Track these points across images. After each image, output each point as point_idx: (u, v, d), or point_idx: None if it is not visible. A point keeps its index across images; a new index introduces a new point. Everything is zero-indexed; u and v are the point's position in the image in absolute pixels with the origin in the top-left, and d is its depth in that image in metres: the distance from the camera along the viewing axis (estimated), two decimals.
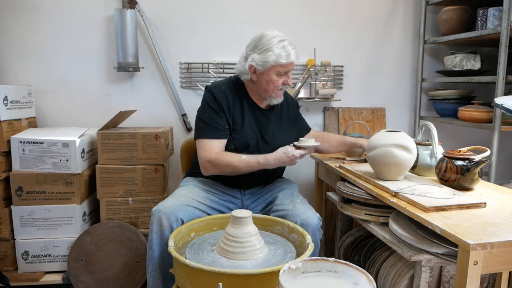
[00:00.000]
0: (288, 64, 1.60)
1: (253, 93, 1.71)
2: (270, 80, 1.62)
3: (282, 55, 1.57)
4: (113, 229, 1.98)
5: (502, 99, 1.63)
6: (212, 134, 1.61)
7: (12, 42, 2.21)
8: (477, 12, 2.12)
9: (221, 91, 1.66)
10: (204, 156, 1.59)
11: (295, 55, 1.60)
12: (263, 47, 1.58)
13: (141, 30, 2.27)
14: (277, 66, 1.59)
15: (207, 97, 1.66)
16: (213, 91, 1.65)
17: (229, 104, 1.65)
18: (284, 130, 1.79)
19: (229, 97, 1.66)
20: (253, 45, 1.62)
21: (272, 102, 1.69)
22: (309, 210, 1.55)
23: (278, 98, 1.69)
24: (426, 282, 1.31)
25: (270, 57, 1.57)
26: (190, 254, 1.25)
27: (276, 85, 1.63)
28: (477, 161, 1.46)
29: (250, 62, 1.60)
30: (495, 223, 1.16)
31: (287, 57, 1.58)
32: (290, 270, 0.90)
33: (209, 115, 1.63)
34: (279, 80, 1.63)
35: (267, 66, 1.58)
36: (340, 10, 2.43)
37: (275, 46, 1.57)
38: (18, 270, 1.98)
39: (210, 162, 1.58)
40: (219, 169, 1.58)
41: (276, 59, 1.57)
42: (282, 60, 1.57)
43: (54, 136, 1.94)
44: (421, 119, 2.50)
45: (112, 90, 2.32)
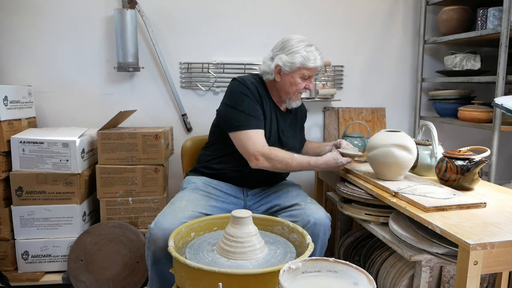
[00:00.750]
0: (313, 68, 1.65)
1: (274, 94, 1.73)
2: (293, 82, 1.65)
3: (310, 58, 1.61)
4: (113, 229, 1.98)
5: (502, 99, 1.63)
6: (257, 125, 1.59)
7: (12, 42, 2.21)
8: (477, 12, 2.12)
9: (253, 83, 1.66)
10: (255, 148, 1.55)
11: (321, 61, 1.65)
12: (291, 48, 1.62)
13: (141, 30, 2.27)
14: (303, 68, 1.63)
15: (242, 89, 1.62)
16: (246, 83, 1.64)
17: (260, 98, 1.65)
18: (296, 135, 1.84)
19: (259, 93, 1.66)
20: (281, 46, 1.66)
21: (291, 105, 1.73)
22: (321, 209, 1.56)
23: (297, 101, 1.73)
24: (426, 282, 1.31)
25: (297, 58, 1.61)
26: (190, 254, 1.25)
27: (298, 88, 1.66)
28: (477, 161, 1.46)
29: (277, 61, 1.63)
30: (495, 223, 1.16)
31: (314, 61, 1.62)
32: (290, 270, 0.90)
33: (249, 105, 1.59)
34: (302, 84, 1.66)
35: (294, 68, 1.62)
36: (340, 10, 2.43)
37: (303, 49, 1.62)
38: (18, 270, 1.98)
39: (264, 155, 1.55)
40: (271, 163, 1.56)
41: (303, 61, 1.61)
42: (310, 63, 1.62)
43: (54, 136, 1.94)
44: (421, 119, 2.50)
45: (112, 90, 2.32)
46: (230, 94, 1.66)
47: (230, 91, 1.66)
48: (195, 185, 1.69)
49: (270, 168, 1.58)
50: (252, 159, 1.57)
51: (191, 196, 1.59)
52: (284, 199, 1.65)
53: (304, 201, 1.60)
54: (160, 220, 1.43)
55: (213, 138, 1.80)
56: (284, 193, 1.70)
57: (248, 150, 1.56)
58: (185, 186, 1.72)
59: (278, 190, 1.74)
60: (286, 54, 1.62)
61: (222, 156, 1.73)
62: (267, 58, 1.70)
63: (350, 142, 2.19)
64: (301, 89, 1.68)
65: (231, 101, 1.63)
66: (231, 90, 1.66)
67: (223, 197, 1.68)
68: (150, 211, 2.04)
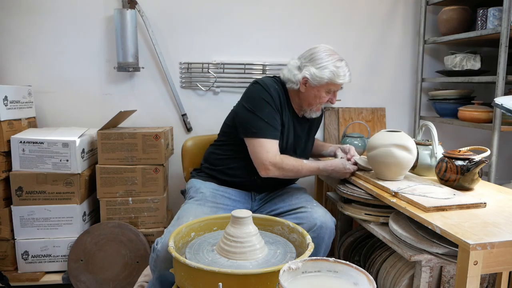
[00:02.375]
0: (340, 84, 1.64)
1: (294, 102, 1.71)
2: (318, 96, 1.63)
3: (340, 74, 1.59)
4: (113, 229, 1.98)
5: (502, 99, 1.63)
6: (274, 135, 1.58)
7: (12, 42, 2.21)
8: (477, 12, 2.12)
9: (276, 90, 1.62)
10: (267, 157, 1.54)
11: (349, 77, 1.64)
12: (322, 62, 1.59)
13: (141, 30, 2.27)
14: (330, 84, 1.60)
15: (264, 94, 1.59)
16: (269, 89, 1.60)
17: (280, 106, 1.63)
18: (311, 139, 1.85)
19: (280, 100, 1.63)
20: (310, 57, 1.61)
21: (311, 115, 1.72)
22: (327, 213, 1.57)
23: (318, 112, 1.72)
24: (426, 282, 1.31)
25: (327, 74, 1.58)
26: (190, 254, 1.25)
27: (322, 101, 1.65)
28: (477, 161, 1.46)
29: (305, 73, 1.60)
30: (495, 223, 1.16)
31: (343, 77, 1.60)
32: (290, 270, 0.90)
33: (269, 114, 1.57)
34: (326, 97, 1.65)
35: (322, 82, 1.59)
36: (340, 10, 2.43)
37: (333, 64, 1.58)
38: (18, 270, 1.98)
39: (275, 165, 1.54)
40: (282, 171, 1.56)
41: (332, 77, 1.58)
42: (339, 80, 1.59)
43: (54, 136, 1.94)
44: (421, 119, 2.50)
45: (112, 90, 2.32)
46: (251, 98, 1.61)
47: (251, 95, 1.61)
48: (203, 195, 1.62)
49: (281, 176, 1.59)
50: (262, 168, 1.56)
51: (198, 211, 1.53)
52: (289, 202, 1.64)
53: (310, 204, 1.60)
54: (166, 240, 1.37)
55: (225, 138, 1.75)
56: (290, 196, 1.69)
57: (260, 159, 1.55)
58: (192, 195, 1.65)
59: (283, 193, 1.73)
60: (316, 67, 1.59)
61: (233, 159, 1.69)
62: (293, 66, 1.64)
63: (350, 142, 2.19)
64: (324, 102, 1.67)
65: (251, 106, 1.59)
66: (253, 94, 1.61)
67: (232, 205, 1.65)
68: (150, 211, 2.04)
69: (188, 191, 1.72)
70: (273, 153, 1.55)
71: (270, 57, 2.36)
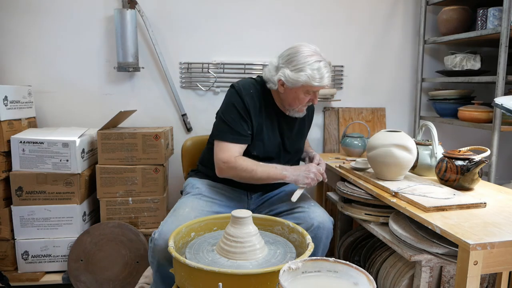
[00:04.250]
0: (318, 86, 1.56)
1: (277, 100, 1.67)
2: (296, 97, 1.58)
3: (315, 77, 1.51)
4: (113, 229, 1.98)
5: (502, 99, 1.63)
6: (234, 139, 1.56)
7: (12, 42, 2.21)
8: (477, 12, 2.12)
9: (249, 94, 1.60)
10: (222, 157, 1.54)
11: (328, 79, 1.55)
12: (298, 64, 1.52)
13: (141, 30, 2.27)
14: (307, 86, 1.54)
15: (234, 99, 1.59)
16: (242, 94, 1.59)
17: (255, 110, 1.60)
18: (304, 138, 1.80)
19: (256, 102, 1.61)
20: (288, 58, 1.55)
21: (294, 115, 1.67)
22: (325, 213, 1.55)
23: (301, 113, 1.67)
24: (426, 282, 1.31)
25: (301, 77, 1.51)
26: (190, 254, 1.25)
27: (302, 102, 1.60)
28: (477, 161, 1.46)
29: (280, 76, 1.55)
30: (495, 223, 1.16)
31: (320, 80, 1.52)
32: (290, 270, 0.90)
33: (233, 119, 1.57)
34: (305, 98, 1.59)
35: (297, 85, 1.54)
36: (340, 10, 2.43)
37: (309, 66, 1.51)
38: (18, 270, 1.98)
39: (228, 164, 1.53)
40: (235, 171, 1.53)
41: (308, 80, 1.51)
42: (315, 83, 1.52)
43: (54, 136, 1.94)
44: (421, 119, 2.50)
45: (112, 90, 2.32)
46: (223, 102, 1.64)
47: (225, 99, 1.64)
48: (199, 190, 1.65)
49: (236, 177, 1.56)
50: (217, 168, 1.57)
51: (194, 203, 1.56)
52: (287, 202, 1.62)
53: (308, 204, 1.58)
54: (163, 229, 1.40)
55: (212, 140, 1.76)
56: (287, 196, 1.66)
57: (215, 159, 1.57)
58: (188, 190, 1.68)
59: (281, 193, 1.73)
60: (291, 69, 1.53)
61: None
62: (272, 66, 1.61)
63: (350, 142, 2.20)
64: (305, 103, 1.61)
65: (221, 109, 1.63)
66: (225, 98, 1.63)
67: (227, 202, 1.66)
68: (150, 211, 2.04)
69: (184, 189, 1.74)
70: (229, 154, 1.54)
71: (270, 57, 2.30)
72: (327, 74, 1.54)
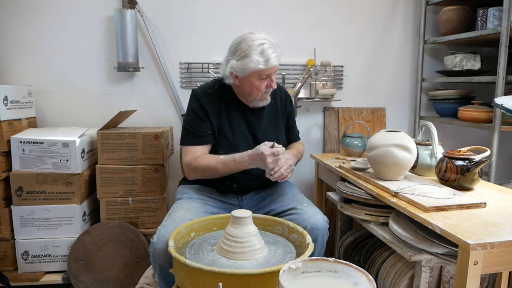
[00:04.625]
0: (268, 69, 1.53)
1: (240, 94, 1.66)
2: (252, 85, 1.56)
3: (260, 61, 1.49)
4: (113, 229, 1.98)
5: (502, 99, 1.63)
6: (195, 141, 1.59)
7: (12, 42, 2.21)
8: (477, 12, 2.12)
9: (206, 94, 1.62)
10: (185, 160, 1.58)
11: (275, 58, 1.51)
12: (242, 53, 1.51)
13: (141, 30, 2.27)
14: (256, 71, 1.52)
15: (191, 102, 1.63)
16: (198, 96, 1.62)
17: (214, 108, 1.61)
18: (280, 128, 1.75)
19: (215, 101, 1.62)
20: (233, 50, 1.55)
21: (259, 104, 1.64)
22: (318, 213, 1.51)
23: (264, 101, 1.64)
24: (426, 282, 1.31)
25: (248, 64, 1.50)
26: (190, 254, 1.25)
27: (259, 89, 1.57)
28: (477, 161, 1.46)
29: (230, 68, 1.55)
30: (495, 223, 1.16)
31: (266, 62, 1.49)
32: (290, 270, 0.90)
33: (192, 122, 1.60)
34: (261, 84, 1.56)
35: (247, 73, 1.53)
36: (340, 10, 2.43)
37: (253, 51, 1.49)
38: (18, 270, 1.98)
39: (189, 166, 1.56)
40: (199, 172, 1.56)
41: (255, 66, 1.49)
42: (261, 66, 1.50)
43: (54, 136, 1.94)
44: (421, 119, 2.50)
45: (112, 90, 2.32)
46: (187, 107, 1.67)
47: (187, 105, 1.67)
48: (189, 195, 1.64)
49: (202, 176, 1.59)
50: (185, 172, 1.62)
51: (188, 205, 1.56)
52: (280, 203, 1.60)
53: (300, 204, 1.55)
54: (162, 233, 1.38)
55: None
56: (280, 196, 1.65)
57: (182, 164, 1.61)
58: (179, 197, 1.67)
59: (273, 193, 1.69)
60: (237, 59, 1.52)
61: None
62: (224, 61, 1.61)
63: (350, 142, 2.20)
64: (264, 89, 1.58)
65: (184, 116, 1.69)
66: (188, 104, 1.66)
67: (219, 204, 1.65)
68: (150, 211, 2.04)
69: (176, 196, 1.72)
70: (190, 156, 1.57)
71: None
72: (273, 55, 1.50)
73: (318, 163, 2.24)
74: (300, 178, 2.50)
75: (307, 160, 2.35)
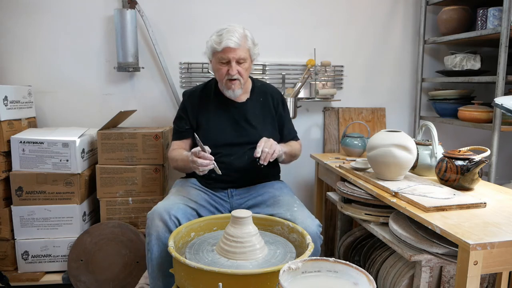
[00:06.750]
0: (223, 51, 1.58)
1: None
2: (216, 69, 1.65)
3: (216, 41, 1.59)
4: (113, 229, 1.98)
5: (502, 99, 1.63)
6: (176, 136, 1.77)
7: (12, 42, 2.21)
8: (477, 12, 2.12)
9: (191, 94, 1.77)
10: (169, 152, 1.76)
11: (231, 41, 1.56)
12: (209, 37, 1.64)
13: (141, 30, 2.27)
14: (216, 53, 1.61)
15: (180, 104, 1.81)
16: (184, 98, 1.78)
17: (193, 105, 1.73)
18: (268, 124, 1.75)
19: (196, 98, 1.75)
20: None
21: (226, 94, 1.69)
22: (308, 217, 1.46)
23: (230, 91, 1.66)
24: (426, 282, 1.31)
25: (209, 43, 1.62)
26: (190, 254, 1.25)
27: (221, 74, 1.63)
28: (477, 161, 1.46)
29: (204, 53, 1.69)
30: (495, 223, 1.16)
31: (219, 43, 1.57)
32: (290, 270, 0.90)
33: (176, 120, 1.78)
34: (221, 69, 1.62)
35: (210, 54, 1.65)
36: (340, 10, 2.43)
37: (215, 33, 1.61)
38: (18, 270, 1.98)
39: (168, 157, 1.77)
40: (172, 163, 1.73)
41: (213, 45, 1.59)
42: (216, 45, 1.58)
43: (54, 136, 1.94)
44: (421, 119, 2.50)
45: (112, 90, 2.32)
46: None
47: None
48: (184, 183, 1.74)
49: (176, 168, 1.73)
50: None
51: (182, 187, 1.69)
52: (271, 208, 1.55)
53: (290, 209, 1.50)
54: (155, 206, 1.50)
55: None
56: (270, 199, 1.60)
57: None
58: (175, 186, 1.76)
59: (264, 193, 1.65)
60: (206, 44, 1.65)
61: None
62: None
63: (350, 142, 2.20)
64: (225, 75, 1.62)
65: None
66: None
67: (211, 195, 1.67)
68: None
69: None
70: (170, 149, 1.76)
71: (270, 57, 2.36)
72: (227, 35, 1.56)
73: (318, 163, 2.24)
74: (300, 178, 2.50)
75: (307, 160, 2.35)
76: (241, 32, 1.60)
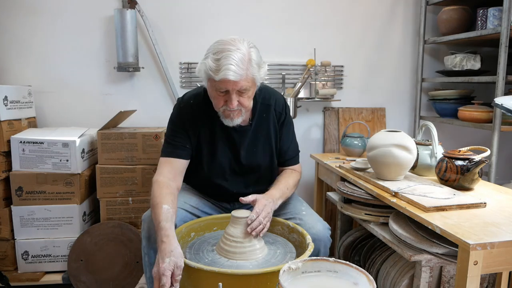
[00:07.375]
0: (221, 81, 1.25)
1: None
2: (211, 95, 1.34)
3: (212, 67, 1.24)
4: (113, 229, 1.98)
5: (502, 99, 1.63)
6: (169, 152, 1.41)
7: (12, 42, 2.21)
8: (477, 12, 2.12)
9: (188, 105, 1.45)
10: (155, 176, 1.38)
11: (229, 72, 1.22)
12: (206, 53, 1.30)
13: (141, 30, 2.26)
14: (210, 79, 1.28)
15: (174, 112, 1.47)
16: (180, 106, 1.46)
17: (193, 120, 1.43)
18: (268, 149, 1.51)
19: (196, 112, 1.43)
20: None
21: (223, 122, 1.39)
22: (318, 221, 1.40)
23: (228, 120, 1.37)
24: (426, 282, 1.31)
25: (202, 67, 1.28)
26: (190, 254, 1.25)
27: (218, 103, 1.32)
28: (477, 161, 1.46)
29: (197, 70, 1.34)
30: (495, 223, 1.16)
31: (215, 71, 1.23)
32: (290, 270, 0.90)
33: (171, 132, 1.44)
34: (218, 97, 1.31)
35: (204, 78, 1.31)
36: (340, 10, 2.43)
37: (212, 54, 1.26)
38: (18, 270, 1.98)
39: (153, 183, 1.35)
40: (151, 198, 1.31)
41: (207, 71, 1.26)
42: (212, 73, 1.24)
43: (54, 136, 1.94)
44: (421, 119, 2.50)
45: (112, 90, 2.32)
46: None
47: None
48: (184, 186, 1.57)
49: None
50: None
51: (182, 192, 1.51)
52: (278, 213, 1.46)
53: (299, 213, 1.43)
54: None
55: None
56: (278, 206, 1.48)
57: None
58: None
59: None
60: (201, 61, 1.30)
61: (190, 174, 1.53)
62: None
63: (350, 142, 2.20)
64: (222, 106, 1.33)
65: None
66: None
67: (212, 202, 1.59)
68: None
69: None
70: (158, 172, 1.39)
71: (270, 57, 2.36)
72: (226, 62, 1.21)
73: (318, 163, 2.24)
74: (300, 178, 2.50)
75: (307, 160, 2.35)
76: (244, 55, 1.26)
